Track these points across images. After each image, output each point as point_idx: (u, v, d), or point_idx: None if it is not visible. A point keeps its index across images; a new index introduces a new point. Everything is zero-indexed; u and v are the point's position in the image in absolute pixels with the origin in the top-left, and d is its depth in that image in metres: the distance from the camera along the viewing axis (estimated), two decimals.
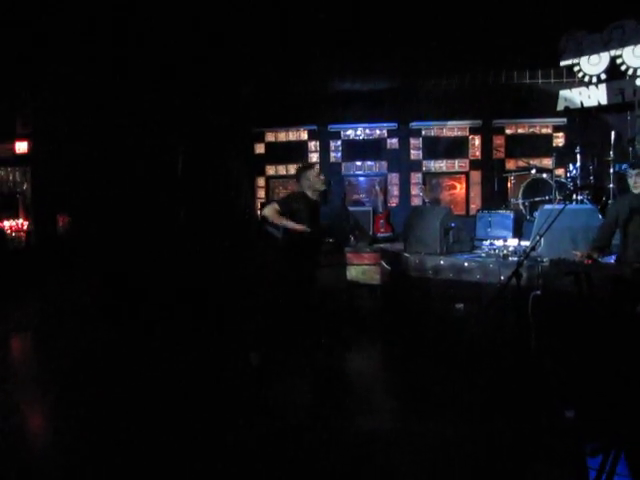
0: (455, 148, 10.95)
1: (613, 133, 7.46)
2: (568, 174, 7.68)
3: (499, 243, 6.62)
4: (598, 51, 9.02)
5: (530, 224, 7.06)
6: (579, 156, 7.56)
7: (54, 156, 10.67)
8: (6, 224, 11.00)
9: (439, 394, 4.69)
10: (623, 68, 8.83)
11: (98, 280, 8.71)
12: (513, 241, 6.78)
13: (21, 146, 11.26)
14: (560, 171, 8.46)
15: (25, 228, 11.16)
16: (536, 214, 6.43)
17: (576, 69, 9.31)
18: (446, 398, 4.57)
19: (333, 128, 11.25)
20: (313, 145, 11.44)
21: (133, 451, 3.77)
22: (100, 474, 3.49)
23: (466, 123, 10.84)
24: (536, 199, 7.79)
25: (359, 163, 11.33)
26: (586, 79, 9.20)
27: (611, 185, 7.19)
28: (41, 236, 11.08)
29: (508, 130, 10.78)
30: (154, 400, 4.68)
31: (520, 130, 10.80)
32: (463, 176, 10.96)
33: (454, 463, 3.50)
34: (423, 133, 11.05)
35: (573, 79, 9.57)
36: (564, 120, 9.99)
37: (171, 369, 5.44)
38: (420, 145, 11.06)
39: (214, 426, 4.17)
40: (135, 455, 3.71)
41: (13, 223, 11.06)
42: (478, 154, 10.86)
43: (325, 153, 11.34)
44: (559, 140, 10.45)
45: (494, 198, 9.78)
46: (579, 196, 7.22)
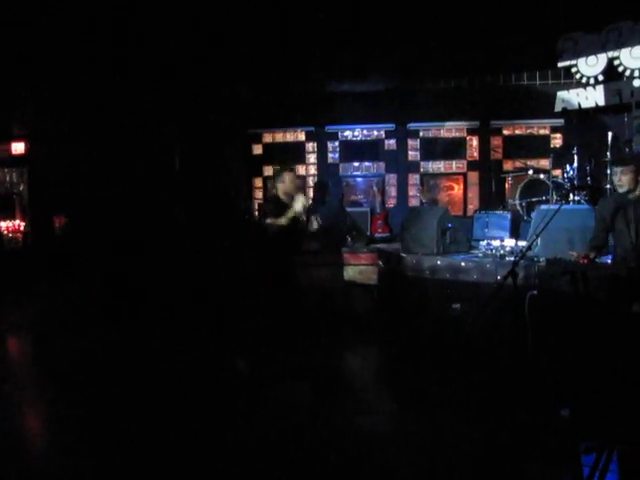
0: (453, 149, 10.94)
1: (610, 134, 7.44)
2: (565, 175, 7.67)
3: (496, 243, 6.61)
4: (595, 52, 9.01)
5: (527, 224, 7.05)
6: (576, 157, 7.55)
7: (51, 157, 10.65)
8: (3, 225, 10.97)
9: (436, 393, 4.70)
10: (620, 69, 8.82)
11: (95, 281, 8.70)
12: (510, 241, 6.77)
13: (18, 147, 11.21)
14: (557, 172, 8.45)
15: (22, 229, 11.13)
16: (533, 214, 6.43)
17: (574, 70, 9.30)
18: (443, 397, 4.58)
19: (331, 129, 11.23)
20: (311, 146, 11.42)
21: (133, 451, 3.77)
22: (100, 474, 3.48)
23: (464, 124, 10.83)
24: (533, 199, 7.78)
25: (357, 164, 11.31)
26: (584, 80, 9.19)
27: (608, 186, 7.17)
28: (38, 237, 11.05)
29: (506, 131, 10.78)
30: (154, 400, 4.67)
31: (518, 131, 10.79)
32: (461, 177, 10.94)
33: (451, 462, 3.50)
34: (421, 134, 11.04)
35: (571, 80, 9.56)
36: (561, 121, 9.97)
37: (171, 369, 5.43)
38: (418, 146, 11.04)
39: (214, 426, 4.16)
40: (135, 455, 3.71)
41: (10, 224, 11.03)
42: (476, 155, 10.85)
43: (323, 154, 11.32)
44: (556, 141, 10.45)
45: (491, 199, 9.78)
46: (576, 196, 7.24)
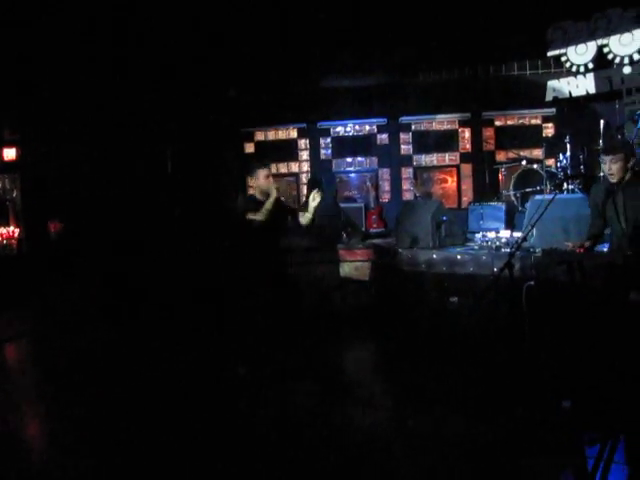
0: (445, 141, 10.94)
1: (602, 122, 7.45)
2: (558, 164, 7.68)
3: (492, 235, 6.61)
4: (585, 40, 9.03)
5: (522, 215, 7.05)
6: (569, 146, 7.55)
7: (43, 161, 10.59)
8: None
9: (434, 388, 4.69)
10: (610, 57, 8.84)
11: (95, 282, 8.66)
12: (506, 232, 6.77)
13: (9, 153, 11.15)
14: (550, 161, 8.46)
15: (16, 235, 11.05)
16: (527, 205, 6.43)
17: (563, 59, 9.32)
18: (441, 392, 4.57)
19: (323, 125, 11.22)
20: (303, 143, 11.41)
21: (133, 451, 3.76)
22: (100, 474, 3.48)
23: (455, 116, 10.83)
24: (527, 190, 7.78)
25: (350, 160, 11.30)
26: (574, 69, 9.21)
27: (601, 174, 7.16)
28: (33, 243, 10.99)
29: (497, 122, 10.77)
30: (154, 400, 4.66)
31: (509, 121, 10.79)
32: (454, 169, 10.94)
33: (451, 458, 3.49)
34: (413, 127, 11.03)
35: (561, 69, 9.57)
36: (553, 110, 9.96)
37: (170, 369, 5.42)
38: (410, 140, 11.04)
39: (214, 426, 4.15)
40: (135, 455, 3.70)
41: (4, 231, 10.96)
42: (468, 147, 10.85)
43: (315, 151, 11.30)
44: (549, 130, 10.45)
45: (485, 190, 9.79)
46: (570, 185, 7.23)
